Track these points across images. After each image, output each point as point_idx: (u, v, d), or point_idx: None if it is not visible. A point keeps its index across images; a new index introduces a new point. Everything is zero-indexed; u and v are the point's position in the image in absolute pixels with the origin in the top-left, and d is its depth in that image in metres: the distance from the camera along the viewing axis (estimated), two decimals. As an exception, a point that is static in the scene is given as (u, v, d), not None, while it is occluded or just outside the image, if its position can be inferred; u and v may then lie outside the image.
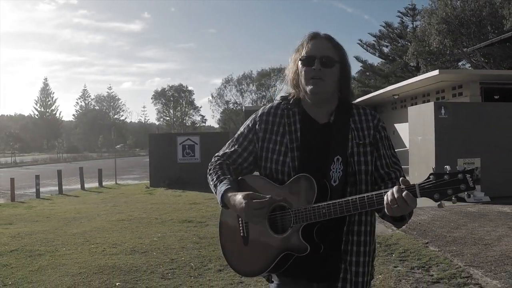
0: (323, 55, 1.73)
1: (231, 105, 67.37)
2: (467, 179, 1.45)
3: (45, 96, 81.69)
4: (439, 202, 1.49)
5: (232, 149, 1.88)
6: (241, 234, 1.78)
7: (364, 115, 1.81)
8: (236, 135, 1.92)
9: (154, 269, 5.14)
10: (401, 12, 39.70)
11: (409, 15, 38.80)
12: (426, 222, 7.38)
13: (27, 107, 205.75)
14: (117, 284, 4.66)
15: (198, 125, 74.17)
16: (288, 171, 1.73)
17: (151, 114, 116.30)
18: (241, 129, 1.92)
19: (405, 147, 12.18)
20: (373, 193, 1.57)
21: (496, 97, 14.60)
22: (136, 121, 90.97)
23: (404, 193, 1.46)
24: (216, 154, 1.94)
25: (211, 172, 1.86)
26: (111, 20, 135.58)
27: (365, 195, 1.58)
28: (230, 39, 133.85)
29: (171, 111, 76.89)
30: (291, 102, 1.84)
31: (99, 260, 5.66)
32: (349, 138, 1.74)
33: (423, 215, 7.99)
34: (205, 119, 76.51)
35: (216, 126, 72.00)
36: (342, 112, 1.80)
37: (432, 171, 1.50)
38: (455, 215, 7.97)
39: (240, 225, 1.78)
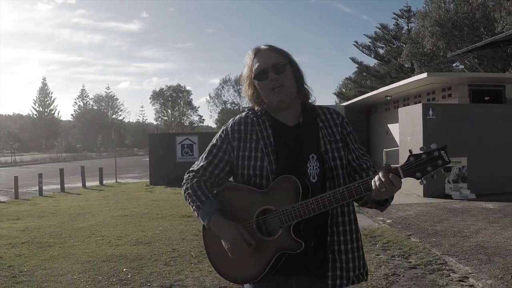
0: (273, 64, 1.83)
1: (228, 105, 67.93)
2: (442, 155, 1.57)
3: (44, 96, 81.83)
4: (420, 180, 1.59)
5: (207, 161, 1.93)
6: None
7: (329, 114, 1.93)
8: (208, 148, 1.97)
9: (157, 257, 5.60)
10: (396, 14, 40.34)
11: (404, 17, 39.41)
12: (412, 217, 7.85)
13: (25, 106, 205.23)
14: (124, 270, 5.12)
15: (196, 125, 74.65)
16: (266, 174, 1.80)
17: (149, 114, 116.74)
18: (213, 141, 1.96)
19: (397, 146, 12.64)
20: (359, 181, 1.67)
21: (486, 98, 15.10)
22: (134, 121, 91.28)
23: (390, 176, 1.58)
24: (191, 169, 1.97)
25: (189, 192, 1.89)
26: (110, 20, 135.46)
27: (351, 184, 1.68)
28: (228, 39, 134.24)
29: (169, 111, 77.33)
30: (258, 112, 1.91)
31: (106, 250, 6.11)
32: (320, 136, 1.85)
33: (409, 211, 8.46)
34: (203, 119, 77.08)
35: (214, 126, 72.46)
36: (309, 113, 1.90)
37: (410, 154, 1.61)
38: (440, 211, 8.45)
39: None
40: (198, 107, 79.63)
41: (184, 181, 1.94)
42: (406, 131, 11.51)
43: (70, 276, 4.99)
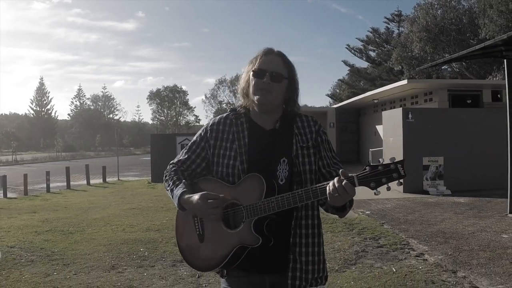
0: (274, 70, 1.91)
1: (224, 106, 68.80)
2: (398, 169, 1.62)
3: (41, 95, 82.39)
4: (375, 190, 1.66)
5: (186, 156, 2.05)
6: (197, 232, 1.92)
7: (306, 121, 2.01)
8: (189, 144, 2.09)
9: (168, 240, 6.60)
10: (387, 18, 41.58)
11: (395, 21, 40.64)
12: (388, 209, 8.89)
13: (21, 106, 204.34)
14: (141, 249, 6.12)
15: (192, 124, 75.49)
16: (238, 173, 1.89)
17: (144, 114, 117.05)
18: (194, 138, 2.09)
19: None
20: (317, 185, 1.75)
21: (468, 101, 16.19)
22: (129, 121, 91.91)
23: (343, 183, 1.64)
24: (171, 162, 2.11)
25: (167, 178, 2.03)
26: (106, 19, 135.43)
27: (310, 187, 1.76)
28: (224, 39, 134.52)
29: (166, 111, 78.28)
30: (239, 112, 2.03)
31: (122, 236, 7.11)
32: (293, 142, 1.93)
33: (388, 204, 9.51)
34: (199, 119, 77.84)
35: (210, 126, 73.04)
36: (287, 119, 1.99)
37: (368, 164, 1.70)
38: (415, 204, 9.49)
39: (196, 224, 1.92)
40: (194, 107, 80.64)
41: (165, 171, 2.09)
42: (388, 133, 12.55)
43: (96, 254, 5.98)
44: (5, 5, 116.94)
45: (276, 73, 1.91)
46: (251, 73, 1.94)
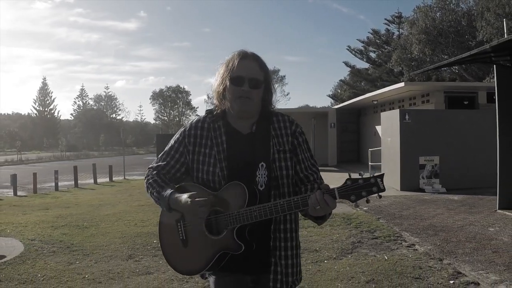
0: (252, 77, 1.90)
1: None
2: (378, 183, 1.67)
3: (44, 95, 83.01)
4: (355, 203, 1.71)
5: (165, 162, 2.05)
6: (180, 237, 1.95)
7: (282, 122, 2.02)
8: (167, 148, 2.07)
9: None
10: (387, 20, 42.11)
11: (395, 23, 41.16)
12: (385, 206, 9.38)
13: (22, 105, 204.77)
14: (154, 241, 6.61)
15: (194, 124, 75.92)
16: (218, 180, 1.91)
17: (146, 113, 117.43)
18: (172, 142, 2.07)
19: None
20: (298, 196, 1.77)
21: (465, 102, 16.66)
22: (131, 120, 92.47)
23: (325, 196, 1.68)
24: (150, 166, 2.10)
25: (150, 181, 2.03)
26: (107, 19, 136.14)
27: (292, 198, 1.78)
28: (225, 39, 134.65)
29: (168, 110, 78.94)
30: (216, 115, 2.02)
31: (135, 230, 7.61)
32: (270, 144, 1.95)
33: (385, 201, 9.98)
34: (201, 119, 78.27)
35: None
36: (263, 121, 2.00)
37: (348, 177, 1.71)
38: (411, 201, 9.98)
39: (179, 229, 1.95)
40: (197, 108, 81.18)
41: (145, 175, 2.09)
42: (386, 133, 13.04)
43: (113, 246, 6.49)
44: (6, 4, 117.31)
45: (255, 80, 1.91)
46: (228, 79, 1.92)
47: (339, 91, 52.66)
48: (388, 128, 12.81)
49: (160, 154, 2.09)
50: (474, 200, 9.84)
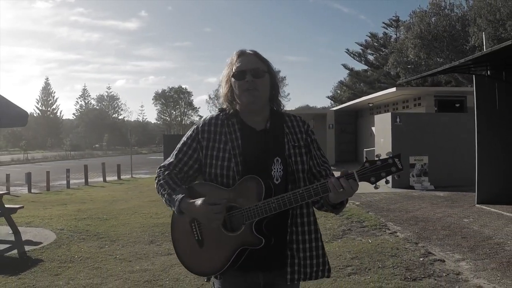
0: (253, 68, 1.91)
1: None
2: (396, 163, 1.69)
3: (47, 95, 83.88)
4: (374, 184, 1.72)
5: (177, 158, 2.02)
6: (196, 237, 1.91)
7: (295, 121, 2.04)
8: (179, 145, 2.05)
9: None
10: (385, 23, 43.14)
11: (393, 26, 42.19)
12: (376, 201, 10.33)
13: (25, 105, 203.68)
14: (171, 230, 7.55)
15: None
16: (233, 175, 1.88)
17: (148, 113, 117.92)
18: (184, 139, 2.05)
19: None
20: (318, 183, 1.77)
21: (457, 105, 17.60)
22: (132, 120, 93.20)
23: (345, 179, 1.71)
24: (162, 165, 2.05)
25: (161, 182, 1.97)
26: (108, 18, 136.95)
27: (311, 186, 1.77)
28: (225, 39, 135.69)
29: (170, 110, 79.97)
30: (229, 113, 2.00)
31: (152, 221, 8.55)
32: (285, 141, 1.95)
33: (376, 197, 10.93)
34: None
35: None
36: (276, 119, 2.01)
37: (366, 159, 1.74)
38: (400, 197, 10.92)
39: (194, 229, 1.91)
40: (198, 108, 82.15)
41: (156, 175, 2.05)
42: (380, 134, 13.99)
43: (134, 234, 7.43)
44: (7, 4, 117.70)
45: (256, 69, 1.93)
46: (232, 76, 1.95)
47: (338, 92, 53.62)
48: (381, 129, 13.75)
49: (173, 152, 2.09)
50: (458, 196, 10.77)
